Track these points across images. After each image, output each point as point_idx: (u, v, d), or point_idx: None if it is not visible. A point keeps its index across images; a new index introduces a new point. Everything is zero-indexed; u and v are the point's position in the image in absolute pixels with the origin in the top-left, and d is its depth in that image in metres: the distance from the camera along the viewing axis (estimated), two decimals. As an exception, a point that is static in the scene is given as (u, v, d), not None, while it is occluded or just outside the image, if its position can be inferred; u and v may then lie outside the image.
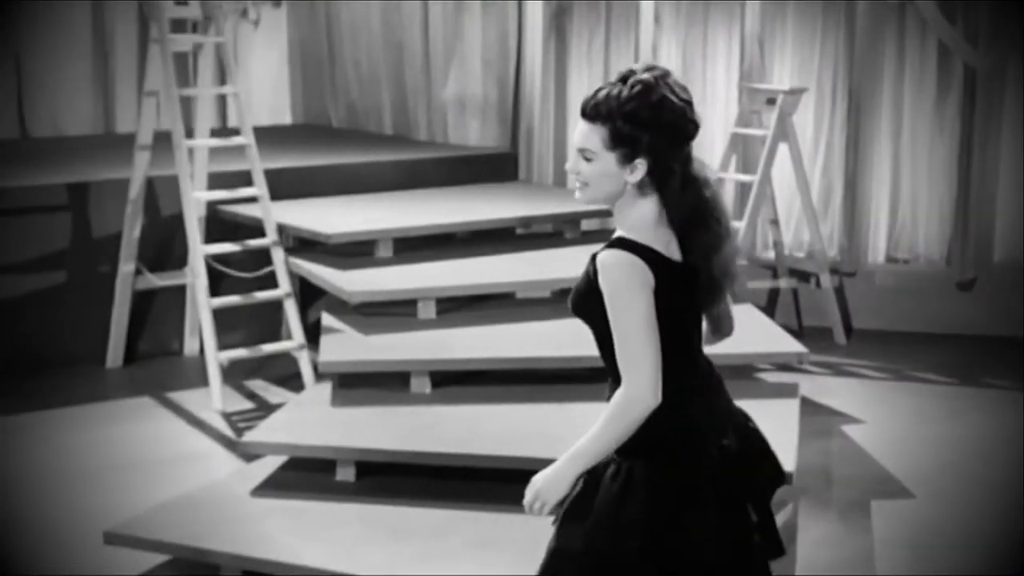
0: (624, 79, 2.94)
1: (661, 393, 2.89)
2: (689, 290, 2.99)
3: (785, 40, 8.33)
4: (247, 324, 7.11)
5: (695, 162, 3.01)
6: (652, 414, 2.92)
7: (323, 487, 4.97)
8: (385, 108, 9.47)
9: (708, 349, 3.26)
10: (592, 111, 2.93)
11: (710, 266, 2.99)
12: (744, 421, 3.15)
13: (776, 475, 3.20)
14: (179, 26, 7.16)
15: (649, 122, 2.91)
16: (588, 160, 2.97)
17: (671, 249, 2.97)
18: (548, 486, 2.98)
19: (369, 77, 9.56)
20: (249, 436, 5.14)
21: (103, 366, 7.00)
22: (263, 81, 9.99)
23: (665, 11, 8.41)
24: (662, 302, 2.91)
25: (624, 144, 2.93)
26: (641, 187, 2.95)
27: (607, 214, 7.45)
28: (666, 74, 2.95)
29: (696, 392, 3.05)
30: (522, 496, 3.09)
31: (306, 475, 5.07)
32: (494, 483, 4.92)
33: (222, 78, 8.11)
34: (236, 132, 6.84)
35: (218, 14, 6.65)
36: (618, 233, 2.97)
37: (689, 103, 2.95)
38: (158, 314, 7.22)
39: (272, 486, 4.98)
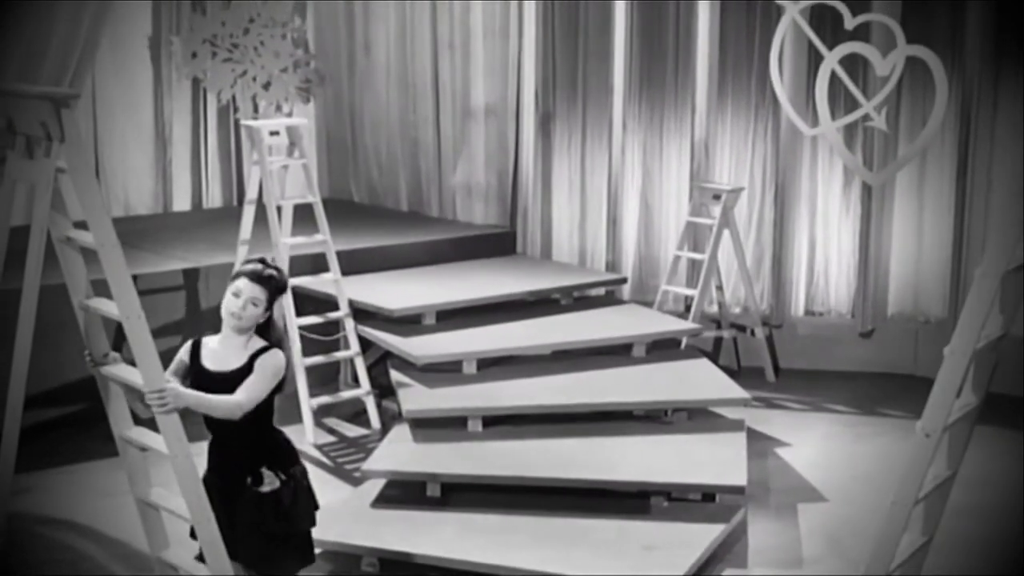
0: (266, 263, 5.00)
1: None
2: None
3: (725, 143, 9.87)
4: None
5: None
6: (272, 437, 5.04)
7: (419, 500, 6.88)
8: (401, 189, 11.09)
9: (675, 393, 6.54)
10: (265, 282, 4.95)
11: None
12: None
13: None
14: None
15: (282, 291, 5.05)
16: (255, 306, 4.92)
17: None
18: (182, 396, 4.79)
19: (387, 163, 11.17)
20: (365, 466, 7.03)
21: (208, 409, 8.85)
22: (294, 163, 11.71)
23: (629, 117, 10.02)
24: None
25: (271, 302, 4.98)
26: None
27: (592, 285, 9.28)
28: None
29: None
30: (563, 506, 5.68)
31: (405, 492, 6.93)
32: (538, 496, 6.85)
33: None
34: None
35: (301, 143, 8.59)
36: (260, 344, 4.96)
37: None
38: (248, 367, 9.06)
39: (384, 499, 6.87)
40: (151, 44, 10.96)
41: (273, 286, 5.01)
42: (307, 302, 8.68)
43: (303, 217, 8.66)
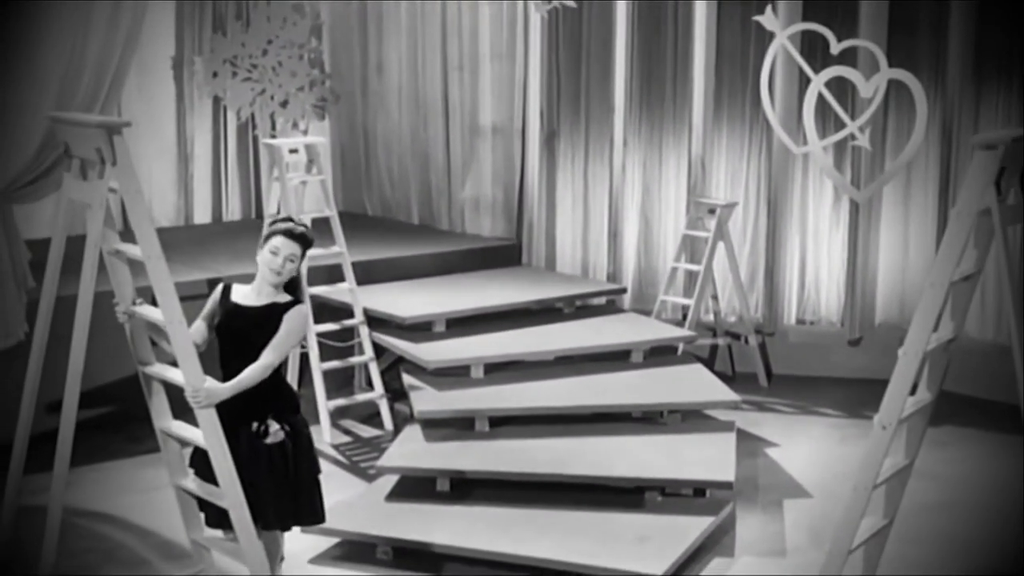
0: (295, 221, 5.52)
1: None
2: None
3: (721, 159, 10.31)
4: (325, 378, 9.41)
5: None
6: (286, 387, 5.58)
7: (429, 494, 7.34)
8: (413, 202, 11.55)
9: (670, 396, 7.28)
10: (299, 238, 5.47)
11: None
12: None
13: None
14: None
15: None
16: (292, 262, 5.45)
17: None
18: (216, 393, 5.31)
19: (399, 178, 11.63)
20: (380, 463, 7.50)
21: (231, 410, 9.32)
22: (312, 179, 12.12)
23: (630, 135, 10.48)
24: None
25: (303, 256, 5.52)
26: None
27: (594, 295, 9.73)
28: None
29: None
30: (564, 500, 6.13)
31: (416, 487, 7.40)
32: (541, 490, 7.30)
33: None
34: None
35: (319, 160, 9.07)
36: (288, 297, 5.51)
37: None
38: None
39: (397, 494, 7.35)
40: (174, 64, 11.40)
41: (305, 241, 5.50)
42: (324, 310, 9.11)
43: (320, 230, 8.96)
